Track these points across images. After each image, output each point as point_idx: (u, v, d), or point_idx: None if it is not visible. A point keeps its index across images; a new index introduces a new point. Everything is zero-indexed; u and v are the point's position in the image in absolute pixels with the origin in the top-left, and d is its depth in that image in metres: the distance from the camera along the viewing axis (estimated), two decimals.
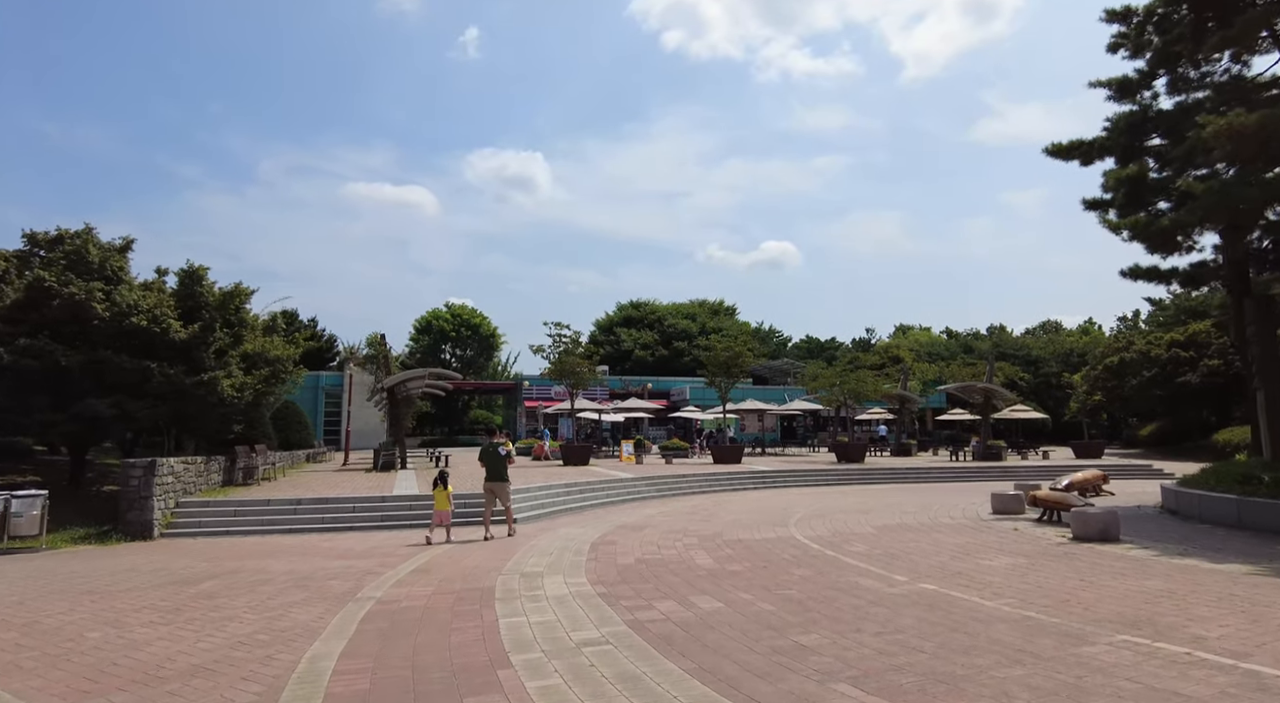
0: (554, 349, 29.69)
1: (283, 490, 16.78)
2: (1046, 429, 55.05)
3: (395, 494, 15.85)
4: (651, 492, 20.65)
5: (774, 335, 77.54)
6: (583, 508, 17.46)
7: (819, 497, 19.61)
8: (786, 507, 16.78)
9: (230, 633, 6.30)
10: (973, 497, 18.71)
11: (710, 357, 30.85)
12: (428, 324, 59.22)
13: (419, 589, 8.05)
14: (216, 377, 15.81)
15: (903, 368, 44.60)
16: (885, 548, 10.46)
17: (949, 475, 27.74)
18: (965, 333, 79.48)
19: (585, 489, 19.18)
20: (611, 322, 68.73)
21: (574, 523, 14.51)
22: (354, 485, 17.98)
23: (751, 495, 20.48)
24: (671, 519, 14.63)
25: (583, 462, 27.76)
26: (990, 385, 34.77)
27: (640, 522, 14.32)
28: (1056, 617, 6.33)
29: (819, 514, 15.02)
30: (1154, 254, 14.28)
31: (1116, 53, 16.69)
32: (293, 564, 9.99)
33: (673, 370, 60.36)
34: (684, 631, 6.05)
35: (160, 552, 11.56)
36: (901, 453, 38.36)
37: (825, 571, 8.79)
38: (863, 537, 11.66)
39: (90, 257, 14.43)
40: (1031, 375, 57.35)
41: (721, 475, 23.70)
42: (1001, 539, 11.20)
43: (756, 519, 14.29)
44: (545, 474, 21.76)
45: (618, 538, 11.99)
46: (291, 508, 14.81)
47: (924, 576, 8.37)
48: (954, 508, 15.81)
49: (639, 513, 16.13)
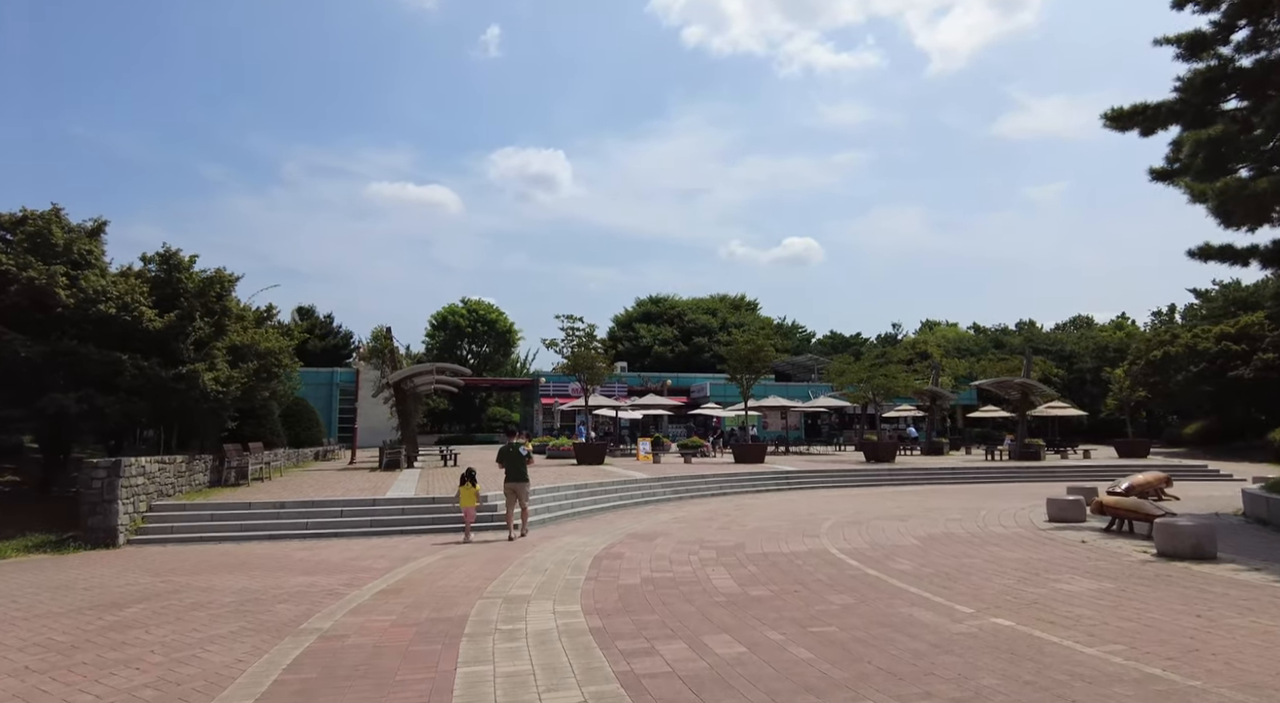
0: (567, 343, 28.31)
1: (271, 493, 15.56)
2: (1082, 427, 52.79)
3: (388, 497, 14.55)
4: (668, 494, 19.20)
5: (797, 331, 75.62)
6: (592, 512, 16.06)
7: (849, 500, 18.05)
8: (815, 512, 15.25)
9: (111, 686, 4.94)
10: (1018, 500, 17.04)
11: (731, 351, 29.29)
12: (443, 320, 58.13)
13: (377, 618, 6.68)
14: (196, 370, 14.60)
15: (933, 363, 42.67)
16: (936, 565, 8.92)
17: (985, 476, 26.00)
18: (994, 328, 77.16)
19: (596, 491, 17.77)
20: (630, 317, 67.31)
21: (580, 530, 13.11)
22: (349, 487, 16.72)
23: (775, 498, 18.96)
24: (687, 527, 13.18)
25: (597, 461, 26.39)
26: (1028, 381, 32.87)
27: (652, 529, 12.87)
28: (1194, 678, 4.75)
29: (852, 521, 13.48)
30: (1235, 228, 12.55)
31: (1184, 8, 14.95)
32: (248, 581, 8.68)
33: (693, 367, 58.83)
34: (694, 695, 4.59)
35: (114, 563, 10.32)
36: (933, 452, 36.54)
37: (869, 597, 7.28)
38: (907, 550, 10.13)
39: (55, 239, 13.25)
40: (1065, 371, 55.09)
41: (743, 476, 22.19)
42: (1071, 554, 9.60)
43: (782, 527, 12.80)
44: (556, 474, 20.40)
45: (625, 550, 10.56)
46: (274, 512, 13.55)
47: (992, 605, 6.84)
48: (1002, 514, 14.19)
49: (652, 519, 14.69)
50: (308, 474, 21.33)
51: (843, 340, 72.51)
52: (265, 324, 19.93)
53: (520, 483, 11.98)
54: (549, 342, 29.10)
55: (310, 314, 58.52)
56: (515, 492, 12.03)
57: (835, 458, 31.99)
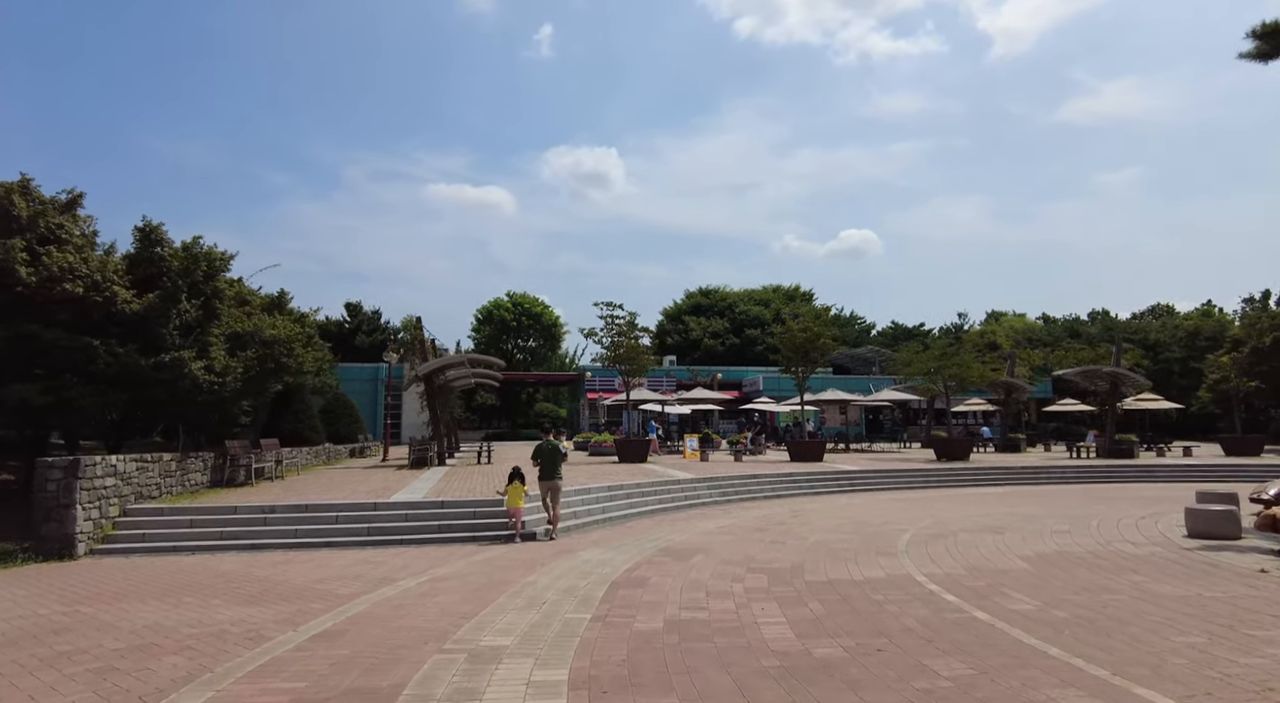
0: (607, 332, 26.25)
1: (270, 495, 13.94)
2: (1170, 422, 48.41)
3: (392, 501, 12.74)
4: (714, 497, 17.01)
5: (855, 322, 72.08)
6: (626, 518, 14.00)
7: (924, 505, 15.58)
8: (887, 521, 12.88)
9: None
10: (1128, 506, 14.35)
11: (785, 339, 26.79)
12: (488, 314, 56.78)
13: (277, 688, 4.71)
14: (182, 357, 13.03)
15: (1008, 353, 39.28)
16: (1068, 605, 6.55)
17: (1074, 476, 23.03)
18: (1064, 318, 72.34)
19: (633, 494, 15.70)
20: (680, 310, 64.99)
21: (606, 541, 11.06)
22: (361, 487, 15.02)
23: (837, 503, 16.59)
24: (733, 540, 10.99)
25: (640, 459, 24.34)
26: (1118, 369, 29.51)
27: (690, 543, 10.72)
28: None
29: (936, 534, 11.09)
30: None
31: None
32: (168, 613, 6.87)
33: (745, 360, 56.24)
34: None
35: (42, 582, 8.68)
36: (1009, 449, 33.39)
37: (990, 665, 5.00)
38: (1017, 578, 7.76)
39: (17, 210, 11.80)
40: (1150, 362, 50.69)
41: (800, 477, 19.83)
42: (1256, 590, 7.10)
43: (849, 542, 10.50)
44: (591, 474, 18.42)
45: (652, 573, 8.44)
46: (260, 518, 11.85)
47: (1192, 688, 4.51)
48: (1120, 524, 11.60)
49: (693, 528, 12.54)
50: (329, 473, 19.81)
51: (905, 331, 68.77)
52: (277, 312, 18.43)
53: (554, 482, 11.85)
54: (588, 331, 27.10)
55: (358, 311, 58.03)
56: (550, 490, 11.87)
57: (901, 456, 29.26)
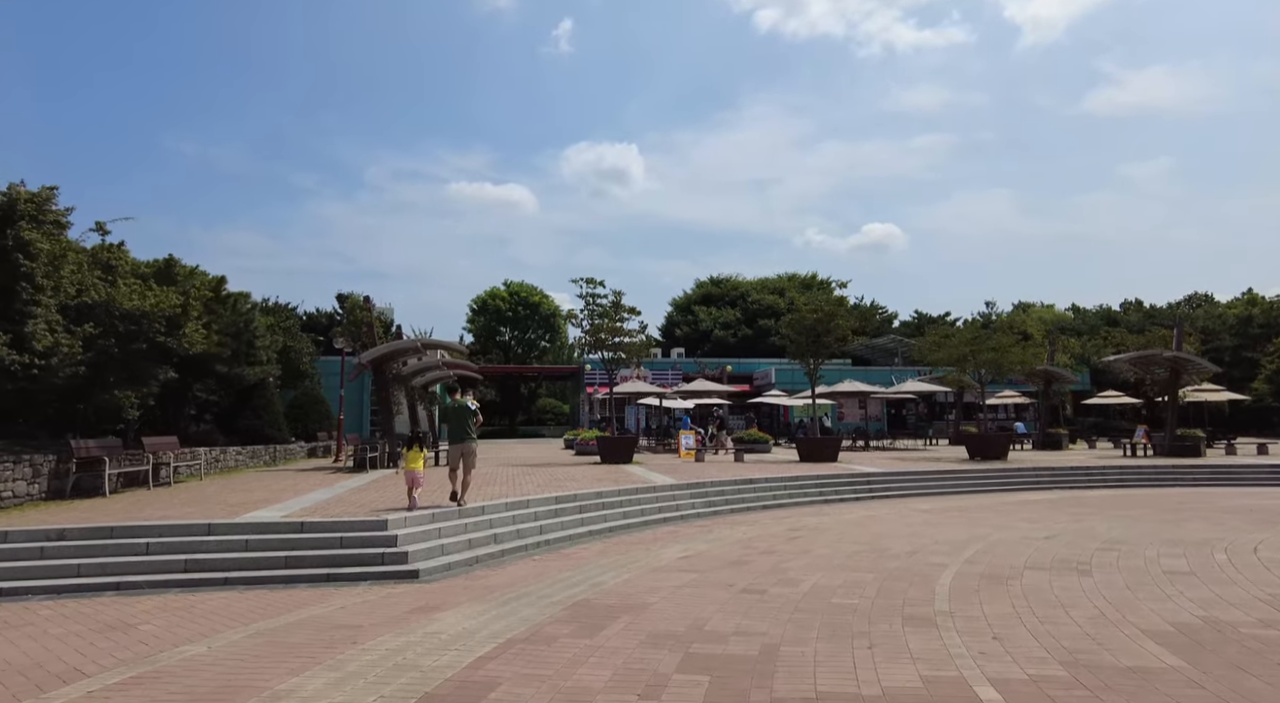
0: (587, 315, 22.72)
1: (106, 512, 10.68)
2: (1223, 415, 44.10)
3: (238, 521, 9.34)
4: (696, 508, 13.51)
5: (877, 311, 67.94)
6: (569, 542, 10.55)
7: (962, 519, 11.98)
8: (916, 547, 9.31)
9: None
10: (1242, 524, 10.68)
11: (795, 323, 23.14)
12: (483, 304, 53.56)
13: None
14: None
15: (1049, 339, 35.29)
16: None
17: (1133, 478, 19.22)
18: (1095, 309, 67.90)
19: (588, 507, 12.19)
20: (689, 300, 61.46)
21: (505, 587, 7.60)
22: (250, 497, 11.69)
23: (852, 515, 13.00)
24: (690, 585, 7.48)
25: (624, 459, 20.96)
26: (1181, 354, 25.55)
27: (624, 592, 7.21)
28: None
29: (991, 575, 7.51)
30: None
31: None
32: None
33: (757, 352, 52.55)
34: None
35: None
36: (1049, 446, 29.51)
37: None
38: (1173, 693, 4.21)
39: None
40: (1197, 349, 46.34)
41: (807, 480, 16.26)
42: None
43: (862, 590, 6.95)
44: (552, 477, 15.02)
45: (510, 671, 4.94)
46: (36, 549, 8.51)
47: None
48: (1267, 559, 7.96)
49: (646, 561, 9.03)
50: (252, 476, 16.46)
51: (929, 321, 64.61)
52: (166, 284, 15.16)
53: (465, 443, 10.64)
54: (566, 314, 23.60)
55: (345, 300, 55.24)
56: (461, 454, 10.62)
57: (928, 455, 25.52)
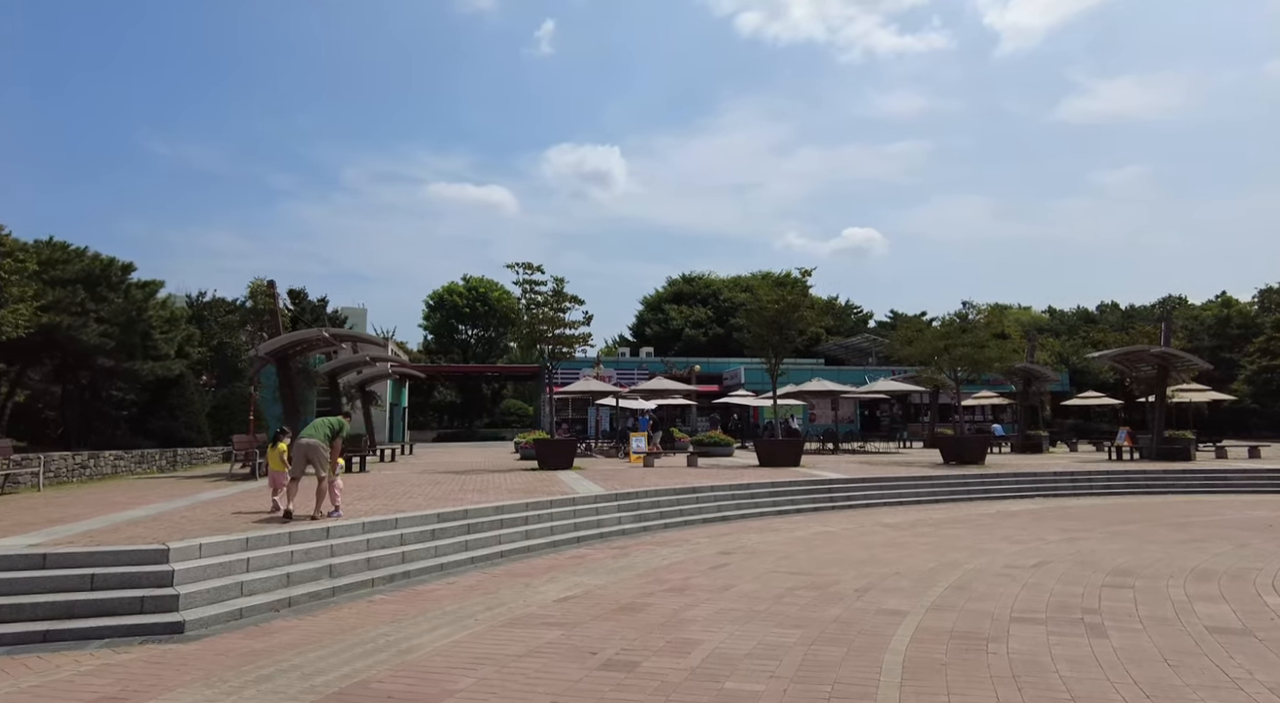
0: (526, 305, 20.34)
1: None
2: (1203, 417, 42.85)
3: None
4: (625, 523, 11.37)
5: (851, 311, 66.30)
6: (439, 573, 8.35)
7: (934, 537, 9.94)
8: (870, 582, 7.22)
9: None
10: (1268, 545, 8.75)
11: (754, 313, 21.06)
12: (439, 300, 51.07)
13: None
14: None
15: (1028, 337, 33.61)
16: None
17: (1121, 485, 17.30)
18: (1072, 311, 67.11)
19: (481, 526, 9.93)
20: (660, 299, 59.42)
21: (266, 659, 5.39)
22: (66, 513, 9.37)
23: (803, 532, 10.91)
24: (526, 669, 5.30)
25: (564, 464, 18.77)
26: (1169, 350, 23.86)
27: (422, 673, 5.00)
28: None
29: (966, 634, 5.43)
30: None
31: None
32: None
33: (728, 351, 50.69)
34: None
35: None
36: (1029, 449, 27.71)
37: None
38: None
39: None
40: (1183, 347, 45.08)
41: (760, 488, 14.18)
42: None
43: (772, 677, 4.82)
44: (460, 485, 12.76)
45: None
46: None
47: None
48: None
49: (503, 610, 6.85)
50: (106, 488, 14.05)
51: (905, 320, 63.08)
52: None
53: (309, 440, 8.92)
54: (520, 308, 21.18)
55: (302, 298, 52.54)
56: (304, 451, 8.91)
57: (900, 459, 23.58)
